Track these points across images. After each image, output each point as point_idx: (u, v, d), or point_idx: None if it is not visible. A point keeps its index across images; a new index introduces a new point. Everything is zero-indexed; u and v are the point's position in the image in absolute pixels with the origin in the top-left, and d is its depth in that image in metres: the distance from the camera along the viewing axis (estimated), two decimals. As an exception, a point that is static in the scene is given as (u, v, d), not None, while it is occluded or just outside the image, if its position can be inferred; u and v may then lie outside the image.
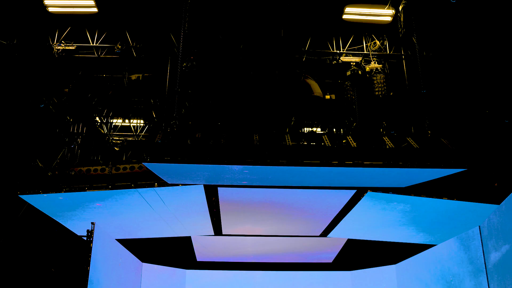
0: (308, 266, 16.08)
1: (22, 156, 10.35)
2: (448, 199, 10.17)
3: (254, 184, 9.87)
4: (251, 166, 8.64)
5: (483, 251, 9.80)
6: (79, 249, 10.23)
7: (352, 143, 9.43)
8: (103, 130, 13.43)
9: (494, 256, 9.21)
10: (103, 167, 10.54)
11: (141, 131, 13.57)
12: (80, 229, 11.05)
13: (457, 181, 10.10)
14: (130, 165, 10.30)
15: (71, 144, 11.57)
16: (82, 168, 10.69)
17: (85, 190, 10.14)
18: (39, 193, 9.90)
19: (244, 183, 9.75)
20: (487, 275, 9.59)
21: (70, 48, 13.01)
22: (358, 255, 15.15)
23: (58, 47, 12.88)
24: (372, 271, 15.16)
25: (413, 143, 9.53)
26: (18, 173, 10.13)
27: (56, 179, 10.49)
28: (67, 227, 11.34)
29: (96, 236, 10.07)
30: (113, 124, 13.79)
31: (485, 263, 9.70)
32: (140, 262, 14.19)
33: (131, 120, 13.67)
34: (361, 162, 8.83)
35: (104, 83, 12.94)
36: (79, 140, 11.90)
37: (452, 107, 11.25)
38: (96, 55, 12.75)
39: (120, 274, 12.09)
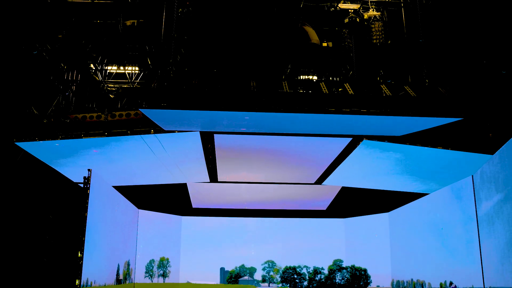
0: (302, 213, 16.32)
1: (17, 103, 10.25)
2: (442, 148, 10.23)
3: (251, 131, 9.86)
4: (248, 112, 8.60)
5: (474, 200, 9.95)
6: (77, 196, 10.31)
7: (350, 90, 9.36)
8: (98, 77, 13.25)
9: (485, 205, 9.36)
10: (99, 114, 10.46)
11: (136, 78, 13.39)
12: (77, 176, 11.10)
13: (452, 130, 10.11)
14: (126, 112, 10.22)
15: (65, 91, 11.45)
16: (77, 115, 10.61)
17: (81, 137, 10.12)
18: (35, 140, 9.87)
19: (243, 130, 9.73)
20: (477, 223, 9.77)
21: (63, -8, 12.66)
22: (352, 203, 15.38)
23: (51, -8, 12.53)
24: (365, 219, 15.43)
25: (410, 91, 9.48)
26: (14, 120, 10.06)
27: (52, 126, 10.42)
28: (64, 174, 11.40)
29: (93, 182, 10.14)
30: (108, 71, 13.59)
31: (476, 211, 9.87)
32: (137, 208, 14.37)
33: (126, 67, 13.47)
34: (358, 109, 8.80)
35: (99, 29, 12.68)
36: (73, 87, 11.77)
37: (450, 57, 11.12)
38: (90, 0, 12.43)
39: (117, 220, 12.27)
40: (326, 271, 15.14)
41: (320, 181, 13.21)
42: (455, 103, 9.42)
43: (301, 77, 12.21)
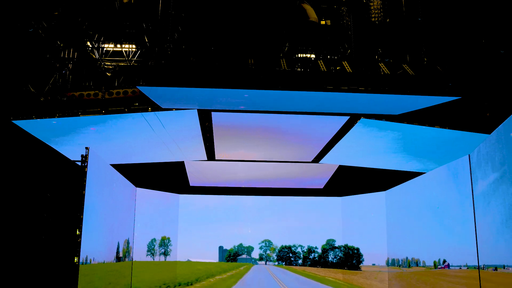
0: (299, 192, 16.41)
1: (14, 82, 10.20)
2: (440, 127, 10.26)
3: (248, 109, 9.86)
4: (247, 90, 8.58)
5: (471, 179, 10.00)
6: (74, 174, 10.32)
7: (348, 68, 9.34)
8: (95, 55, 13.17)
9: (481, 184, 9.41)
10: (96, 92, 10.41)
11: (133, 56, 13.32)
12: (74, 155, 11.11)
13: (450, 110, 10.13)
14: (124, 89, 10.18)
15: (62, 69, 11.39)
16: (74, 93, 10.57)
17: (79, 115, 10.10)
18: (32, 118, 9.85)
19: (242, 107, 9.73)
20: (473, 202, 9.84)
21: (58, -32, 12.50)
22: (349, 181, 15.47)
23: (46, -33, 12.36)
24: (362, 197, 15.53)
25: (408, 70, 9.46)
26: (11, 98, 10.02)
27: (49, 104, 10.38)
28: (62, 153, 11.40)
29: (90, 161, 10.15)
30: (105, 49, 13.51)
31: (472, 191, 9.93)
32: (134, 187, 14.42)
33: (123, 45, 13.37)
34: (356, 87, 8.79)
35: (95, 7, 12.56)
36: (70, 65, 11.71)
37: (449, 36, 11.08)
38: (85, -23, 12.29)
39: (115, 198, 12.32)
40: (319, 250, 15.36)
41: (317, 159, 13.25)
42: (454, 82, 9.41)
43: (299, 55, 12.15)
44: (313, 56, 12.12)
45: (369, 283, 14.74)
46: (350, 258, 15.14)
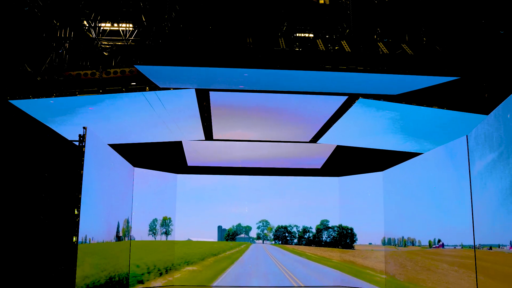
0: (297, 172, 16.49)
1: (10, 61, 10.13)
2: (438, 108, 10.25)
3: (247, 89, 9.83)
4: (245, 69, 8.55)
5: (468, 160, 10.03)
6: (72, 154, 10.31)
7: (347, 48, 9.31)
8: (91, 35, 13.08)
9: (478, 165, 9.43)
10: (93, 71, 10.36)
11: (130, 36, 13.23)
12: (72, 135, 11.09)
13: (448, 90, 10.12)
14: (121, 69, 10.14)
15: (58, 49, 11.31)
16: (71, 73, 10.53)
17: (76, 95, 10.06)
18: (29, 98, 9.80)
19: (241, 87, 9.70)
20: (470, 182, 9.88)
21: None
22: (347, 161, 15.52)
23: None
24: (360, 177, 15.59)
25: (407, 49, 9.43)
26: (7, 78, 9.96)
27: (46, 84, 10.33)
28: (59, 133, 11.38)
29: (88, 140, 10.13)
30: (101, 28, 13.41)
31: (469, 171, 9.96)
32: (132, 166, 14.44)
33: (120, 24, 13.27)
34: (355, 67, 8.76)
35: (91, -15, 12.46)
36: (66, 45, 11.62)
37: (449, 16, 11.02)
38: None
39: (112, 178, 12.33)
40: (314, 230, 15.68)
41: (315, 139, 13.26)
42: (453, 62, 9.39)
43: (298, 34, 12.09)
44: (311, 35, 12.06)
45: (353, 260, 15.31)
46: (344, 238, 15.46)
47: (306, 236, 15.75)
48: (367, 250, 14.95)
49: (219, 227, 15.86)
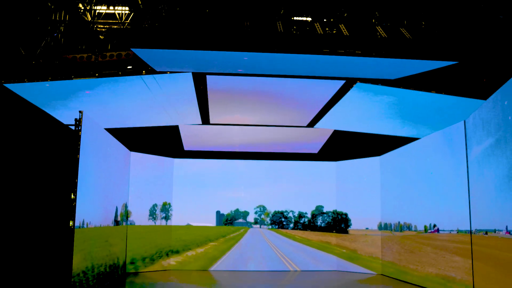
0: (294, 156, 16.54)
1: (4, 44, 10.03)
2: (436, 92, 10.23)
3: (244, 73, 9.79)
4: (242, 52, 8.51)
5: (465, 145, 10.03)
6: (68, 138, 10.26)
7: (345, 31, 9.25)
8: (87, 18, 12.94)
9: (476, 150, 9.44)
10: (89, 54, 10.29)
11: (126, 19, 13.10)
12: (68, 119, 11.03)
13: (446, 75, 10.09)
14: (117, 52, 10.06)
15: (53, 32, 11.20)
16: (67, 56, 10.44)
17: (72, 78, 9.99)
18: (25, 81, 9.73)
19: (240, 71, 9.66)
20: (467, 168, 9.90)
21: None
22: (344, 146, 15.55)
23: None
24: (357, 162, 15.62)
25: (406, 33, 9.38)
26: (1, 61, 9.87)
27: (41, 68, 10.25)
28: (55, 117, 11.33)
29: (84, 125, 10.08)
30: (97, 11, 13.26)
31: (466, 156, 9.97)
32: (129, 151, 14.41)
33: (116, 7, 13.13)
34: (353, 50, 8.72)
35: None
36: (62, 28, 11.51)
37: (448, 0, 10.96)
38: None
39: (109, 162, 12.30)
40: (309, 215, 15.95)
41: (312, 124, 13.25)
42: (451, 47, 9.35)
43: (296, 18, 11.99)
44: (309, 19, 11.96)
45: (340, 242, 15.78)
46: (339, 223, 15.75)
47: (301, 221, 16.07)
48: (360, 234, 15.17)
49: (218, 212, 16.04)
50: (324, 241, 15.94)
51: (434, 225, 11.42)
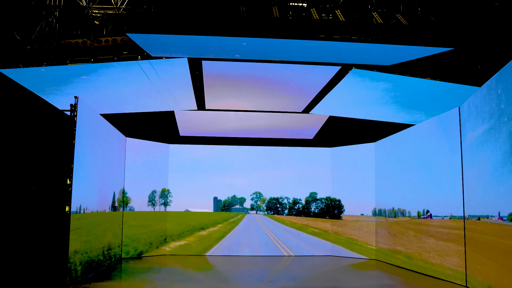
0: (289, 142, 16.60)
1: (-2, 29, 9.98)
2: (431, 79, 10.26)
3: (240, 58, 9.78)
4: (237, 37, 8.49)
5: (460, 131, 10.10)
6: (64, 124, 10.25)
7: (341, 17, 9.24)
8: (82, 3, 12.85)
9: (470, 136, 9.50)
10: (84, 39, 10.24)
11: (121, 4, 13.01)
12: (64, 105, 11.02)
13: (441, 62, 10.11)
14: (113, 37, 10.02)
15: (48, 17, 11.14)
16: (62, 41, 10.39)
17: (67, 64, 9.95)
18: (20, 67, 9.69)
19: (237, 56, 9.65)
20: (461, 154, 9.97)
21: None
22: (339, 132, 15.61)
23: None
24: (352, 148, 15.68)
25: (402, 19, 9.37)
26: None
27: (36, 53, 10.21)
28: (51, 103, 11.30)
29: (80, 110, 10.08)
30: (92, -4, 13.18)
31: (461, 142, 10.03)
32: (124, 136, 14.41)
33: (111, -8, 13.05)
34: (349, 36, 8.72)
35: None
36: (56, 13, 11.44)
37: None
38: None
39: (104, 148, 12.31)
40: (303, 202, 16.16)
41: (308, 109, 13.27)
42: (447, 33, 9.36)
43: (292, 3, 11.94)
44: (305, 4, 11.92)
45: (329, 227, 16.27)
46: (332, 209, 15.99)
47: (296, 207, 16.30)
48: (352, 220, 15.38)
49: (215, 198, 16.22)
50: (304, 224, 16.44)
51: (427, 211, 11.52)
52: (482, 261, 8.83)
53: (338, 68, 10.17)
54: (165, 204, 15.64)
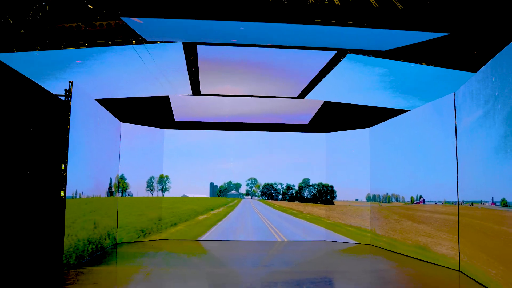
0: (284, 127, 16.66)
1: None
2: (427, 64, 10.26)
3: (236, 43, 9.74)
4: (234, 21, 8.45)
5: (455, 117, 10.11)
6: (58, 109, 10.20)
7: (336, 1, 9.19)
8: (75, -14, 12.73)
9: (465, 122, 9.52)
10: (78, 24, 10.15)
11: (116, -12, 12.91)
12: (58, 90, 10.96)
13: (437, 47, 10.10)
14: (107, 22, 9.94)
15: (42, 1, 11.04)
16: (56, 26, 10.31)
17: (61, 48, 9.89)
18: (13, 51, 9.63)
19: (234, 41, 9.61)
20: (456, 140, 10.00)
21: None
22: (334, 117, 15.64)
23: None
24: (346, 133, 15.72)
25: (398, 4, 9.32)
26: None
27: (29, 37, 10.12)
28: (46, 88, 11.24)
29: (74, 95, 10.03)
30: (86, -20, 13.04)
31: (455, 128, 10.06)
32: (119, 121, 14.38)
33: (105, -24, 12.93)
34: (345, 21, 8.68)
35: None
36: (50, -3, 11.35)
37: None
38: None
39: (99, 133, 12.28)
40: (297, 188, 16.27)
41: (303, 95, 13.26)
42: (443, 18, 9.33)
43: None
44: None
45: (316, 211, 16.62)
46: (325, 194, 16.23)
47: (289, 193, 16.51)
48: (343, 205, 15.54)
49: (211, 184, 16.37)
50: (292, 208, 16.79)
51: (420, 196, 11.60)
52: (464, 242, 9.37)
53: (334, 53, 10.15)
54: (163, 190, 15.73)
